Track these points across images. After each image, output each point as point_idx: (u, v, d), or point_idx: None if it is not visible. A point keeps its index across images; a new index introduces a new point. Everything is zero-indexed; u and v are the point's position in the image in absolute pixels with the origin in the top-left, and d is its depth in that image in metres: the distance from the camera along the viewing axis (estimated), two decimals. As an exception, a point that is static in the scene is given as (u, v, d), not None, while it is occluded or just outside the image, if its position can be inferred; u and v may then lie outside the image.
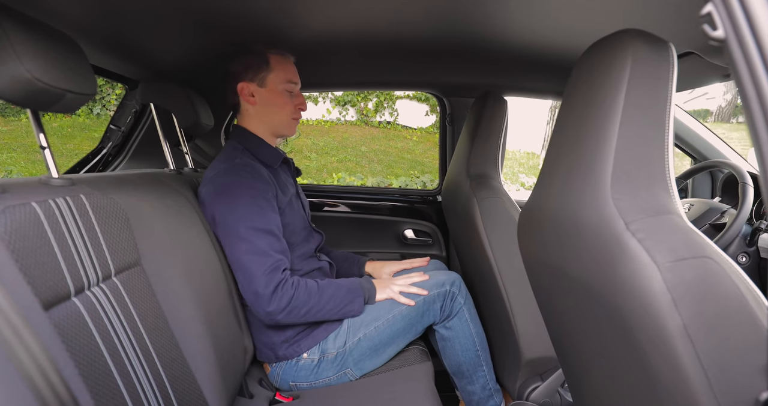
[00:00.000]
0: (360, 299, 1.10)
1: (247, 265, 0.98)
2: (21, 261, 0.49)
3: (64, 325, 0.53)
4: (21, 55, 0.54)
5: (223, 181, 1.03)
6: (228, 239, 1.01)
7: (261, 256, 0.99)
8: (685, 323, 0.45)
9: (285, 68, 1.12)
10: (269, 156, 1.13)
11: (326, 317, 1.07)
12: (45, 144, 0.66)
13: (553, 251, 0.65)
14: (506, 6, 0.82)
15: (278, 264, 1.00)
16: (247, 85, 1.11)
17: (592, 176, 0.55)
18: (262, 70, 1.10)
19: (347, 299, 1.08)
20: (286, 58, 1.14)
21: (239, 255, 0.99)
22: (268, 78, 1.11)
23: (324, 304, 1.05)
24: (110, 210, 0.69)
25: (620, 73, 0.53)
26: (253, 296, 0.99)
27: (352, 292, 1.10)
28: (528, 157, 7.03)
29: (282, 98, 1.13)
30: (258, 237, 0.99)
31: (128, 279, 0.70)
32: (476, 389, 1.19)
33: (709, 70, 1.03)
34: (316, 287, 1.05)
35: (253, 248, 0.99)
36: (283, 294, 0.99)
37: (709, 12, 0.39)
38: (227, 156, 1.10)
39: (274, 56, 1.11)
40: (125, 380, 0.61)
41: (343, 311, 1.08)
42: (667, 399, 0.50)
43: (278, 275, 0.99)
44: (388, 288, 1.15)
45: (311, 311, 1.03)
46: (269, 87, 1.11)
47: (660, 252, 0.47)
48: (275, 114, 1.14)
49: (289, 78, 1.12)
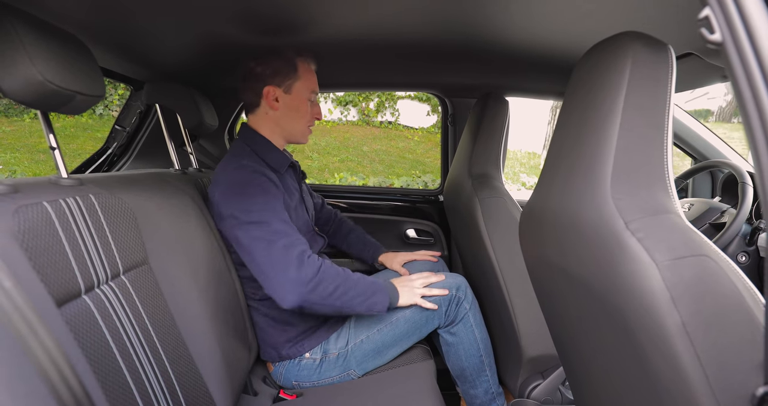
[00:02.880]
0: (383, 294, 1.05)
1: (267, 246, 0.94)
2: (34, 259, 0.51)
3: (75, 322, 0.54)
4: (34, 58, 0.55)
5: (235, 178, 1.01)
6: (240, 229, 0.97)
7: (280, 235, 0.95)
8: (684, 321, 0.46)
9: (310, 78, 1.12)
10: (277, 160, 1.12)
11: (351, 306, 1.00)
12: (54, 145, 0.67)
13: (554, 249, 0.66)
14: (507, 8, 0.83)
15: (298, 241, 0.97)
16: (273, 89, 1.09)
17: (593, 176, 0.56)
18: (290, 77, 1.09)
19: (371, 291, 1.03)
20: (311, 65, 1.14)
21: (252, 240, 0.95)
22: (294, 85, 1.10)
23: (350, 287, 0.99)
24: (118, 210, 0.70)
25: (620, 75, 0.54)
26: (273, 271, 0.93)
27: (375, 285, 1.05)
28: (529, 157, 7.03)
29: (305, 106, 1.12)
30: (273, 221, 0.97)
31: (136, 278, 0.71)
32: (479, 392, 1.19)
33: (709, 71, 1.04)
34: (342, 270, 1.02)
35: (269, 229, 0.95)
36: (310, 263, 0.94)
37: (707, 16, 0.40)
38: (236, 157, 1.08)
39: (302, 63, 1.11)
40: (134, 377, 0.62)
41: (368, 304, 1.02)
42: (665, 396, 0.51)
43: (300, 246, 0.96)
44: (411, 293, 1.11)
45: (337, 291, 0.97)
46: (294, 94, 1.11)
47: (659, 251, 0.48)
48: (295, 121, 1.13)
49: (313, 88, 1.13)
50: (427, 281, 1.15)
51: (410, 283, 1.14)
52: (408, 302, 1.10)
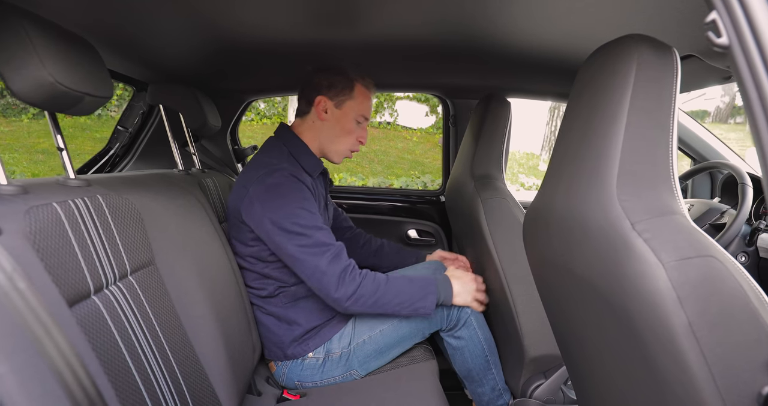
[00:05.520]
0: (433, 296, 1.07)
1: (308, 258, 0.98)
2: (46, 260, 0.51)
3: (86, 323, 0.54)
4: (44, 59, 0.55)
5: (271, 182, 1.01)
6: (282, 237, 0.99)
7: (321, 247, 0.99)
8: (690, 321, 0.47)
9: (364, 102, 1.14)
10: (311, 164, 1.13)
11: (396, 311, 1.05)
12: (62, 146, 0.67)
13: (559, 250, 0.67)
14: (509, 11, 0.84)
15: (339, 251, 1.01)
16: (325, 100, 1.11)
17: (598, 178, 0.56)
18: (344, 94, 1.11)
19: (418, 296, 1.06)
20: (370, 90, 1.15)
21: (297, 251, 0.99)
22: (346, 103, 1.12)
23: (392, 297, 1.03)
24: (125, 210, 0.71)
25: (626, 77, 0.54)
26: (318, 284, 0.99)
27: (424, 289, 1.07)
28: (528, 158, 7.05)
29: (351, 125, 1.14)
30: (313, 231, 0.99)
31: (143, 278, 0.71)
32: (486, 390, 1.20)
33: (710, 73, 1.05)
34: (385, 280, 1.04)
35: (311, 241, 0.99)
36: (350, 281, 0.99)
37: (714, 20, 0.40)
38: (271, 158, 1.08)
39: (360, 85, 1.13)
40: (143, 377, 0.62)
41: (414, 307, 1.05)
42: (671, 396, 0.52)
43: (342, 261, 1.00)
44: (467, 293, 1.13)
45: (378, 302, 1.02)
46: (344, 111, 1.12)
47: (666, 251, 0.48)
48: (337, 138, 1.14)
49: (364, 112, 1.15)
50: (482, 285, 1.19)
51: (469, 284, 1.16)
52: (463, 303, 1.13)
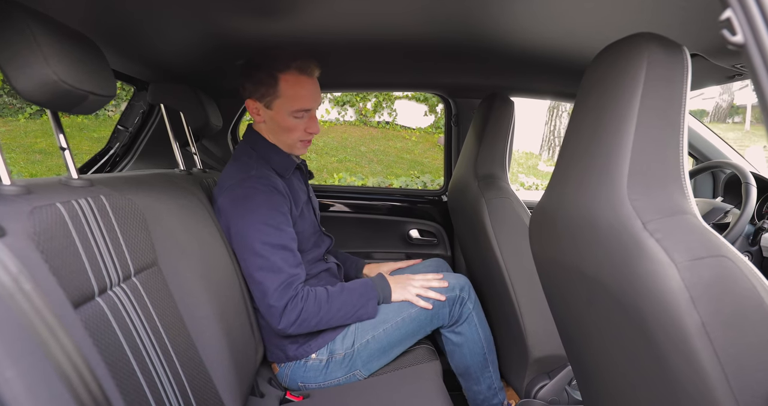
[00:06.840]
0: (373, 301, 1.10)
1: (262, 280, 0.99)
2: (50, 261, 0.50)
3: (91, 324, 0.53)
4: (48, 57, 0.55)
5: (239, 193, 1.02)
6: (243, 253, 1.01)
7: (275, 272, 0.99)
8: (703, 321, 0.47)
9: (294, 95, 1.04)
10: (281, 165, 1.11)
11: (339, 323, 1.08)
12: (65, 145, 0.67)
13: (568, 250, 0.66)
14: (511, 10, 0.83)
15: (292, 280, 1.01)
16: (253, 102, 1.08)
17: (608, 177, 0.56)
18: (270, 93, 1.04)
19: (359, 304, 1.08)
20: (305, 75, 1.04)
21: (254, 270, 1.00)
22: (274, 102, 1.05)
23: (335, 312, 1.05)
24: (128, 210, 0.70)
25: (636, 76, 0.54)
26: (266, 310, 1.01)
27: (364, 296, 1.10)
28: (527, 158, 7.05)
29: (288, 122, 1.07)
30: (273, 253, 1.00)
31: (147, 279, 0.70)
32: (482, 388, 1.21)
33: (713, 72, 1.05)
34: (326, 297, 1.05)
35: (268, 263, 0.99)
36: (293, 308, 1.00)
37: (728, 18, 0.40)
38: (242, 164, 1.08)
39: (288, 76, 1.03)
40: (147, 379, 0.62)
41: (356, 315, 1.09)
42: (683, 396, 0.51)
43: (290, 291, 1.00)
44: (405, 290, 1.14)
45: (322, 321, 1.04)
46: (275, 110, 1.07)
47: (678, 251, 0.48)
48: (282, 135, 1.10)
49: (298, 106, 1.05)
50: (428, 283, 1.15)
51: (408, 281, 1.15)
52: (400, 298, 1.13)
